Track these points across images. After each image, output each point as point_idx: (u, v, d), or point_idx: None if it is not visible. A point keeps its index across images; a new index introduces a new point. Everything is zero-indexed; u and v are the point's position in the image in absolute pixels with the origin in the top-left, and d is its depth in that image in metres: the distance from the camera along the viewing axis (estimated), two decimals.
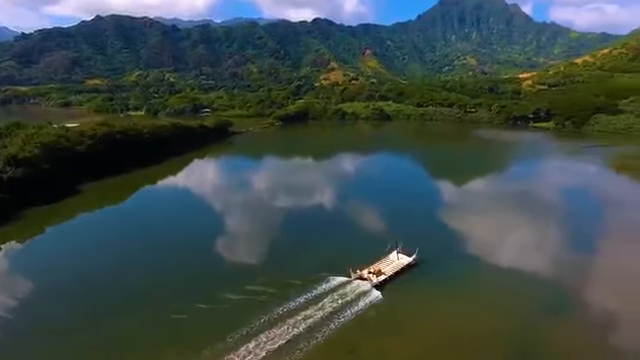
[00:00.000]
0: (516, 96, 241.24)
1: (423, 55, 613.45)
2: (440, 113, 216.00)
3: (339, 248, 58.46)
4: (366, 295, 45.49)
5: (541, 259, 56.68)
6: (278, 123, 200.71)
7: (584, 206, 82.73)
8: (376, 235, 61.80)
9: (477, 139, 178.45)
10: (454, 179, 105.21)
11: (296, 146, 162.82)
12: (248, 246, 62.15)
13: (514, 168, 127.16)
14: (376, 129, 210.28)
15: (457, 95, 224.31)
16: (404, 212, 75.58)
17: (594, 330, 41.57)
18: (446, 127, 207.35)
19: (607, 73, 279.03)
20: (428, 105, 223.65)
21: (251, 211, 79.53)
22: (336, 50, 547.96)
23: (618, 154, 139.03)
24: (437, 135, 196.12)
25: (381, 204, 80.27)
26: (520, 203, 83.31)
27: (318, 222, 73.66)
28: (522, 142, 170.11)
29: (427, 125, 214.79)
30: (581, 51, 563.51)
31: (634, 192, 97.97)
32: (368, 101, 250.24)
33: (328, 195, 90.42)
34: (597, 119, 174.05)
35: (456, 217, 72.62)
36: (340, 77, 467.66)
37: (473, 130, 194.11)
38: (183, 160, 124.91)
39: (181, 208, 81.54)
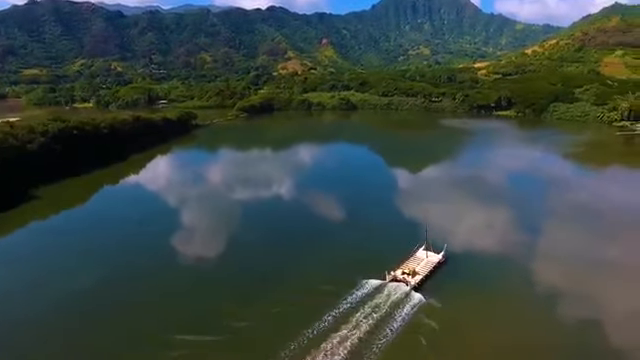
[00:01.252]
0: (474, 85, 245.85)
1: (378, 45, 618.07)
2: (405, 103, 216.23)
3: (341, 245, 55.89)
4: (408, 299, 42.84)
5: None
6: (243, 114, 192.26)
7: (534, 189, 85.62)
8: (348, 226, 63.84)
9: (443, 128, 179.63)
10: (421, 167, 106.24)
11: (265, 139, 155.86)
12: (239, 252, 56.56)
13: (478, 155, 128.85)
14: (343, 119, 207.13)
15: (421, 84, 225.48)
16: (372, 200, 76.47)
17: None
18: (412, 116, 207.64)
19: (556, 63, 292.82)
20: (393, 95, 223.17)
21: (225, 211, 73.64)
22: (292, 39, 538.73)
23: (571, 141, 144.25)
24: (403, 125, 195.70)
25: (354, 194, 80.00)
26: (478, 188, 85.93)
27: (302, 215, 71.18)
28: (485, 130, 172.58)
29: (393, 115, 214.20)
30: (526, 42, 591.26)
31: (584, 177, 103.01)
32: (331, 91, 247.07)
33: (305, 187, 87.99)
34: (555, 107, 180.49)
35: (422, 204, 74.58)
36: (298, 66, 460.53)
37: (438, 119, 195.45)
38: (147, 156, 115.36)
39: (156, 215, 72.59)
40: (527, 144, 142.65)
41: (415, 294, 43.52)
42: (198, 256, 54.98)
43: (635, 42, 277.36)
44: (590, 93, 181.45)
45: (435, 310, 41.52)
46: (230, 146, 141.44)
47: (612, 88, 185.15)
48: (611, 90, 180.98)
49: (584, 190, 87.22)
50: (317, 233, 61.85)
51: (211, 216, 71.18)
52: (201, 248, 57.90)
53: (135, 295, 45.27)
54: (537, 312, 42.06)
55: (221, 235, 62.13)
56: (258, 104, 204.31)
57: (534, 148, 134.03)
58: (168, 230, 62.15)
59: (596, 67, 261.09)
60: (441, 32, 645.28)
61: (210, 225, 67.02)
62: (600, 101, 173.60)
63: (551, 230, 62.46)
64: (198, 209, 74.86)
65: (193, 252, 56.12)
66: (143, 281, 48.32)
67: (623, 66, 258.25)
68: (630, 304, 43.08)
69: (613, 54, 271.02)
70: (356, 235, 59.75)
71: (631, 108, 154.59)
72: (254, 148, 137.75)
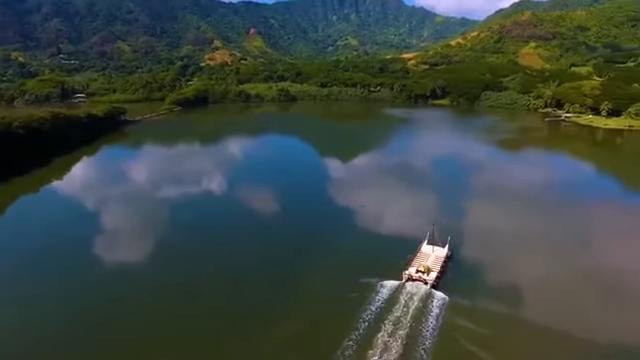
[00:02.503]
0: (406, 75, 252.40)
1: (307, 35, 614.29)
2: (345, 93, 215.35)
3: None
4: (432, 298, 41.70)
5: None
6: (177, 108, 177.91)
7: (461, 173, 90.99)
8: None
9: (383, 117, 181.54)
10: (359, 155, 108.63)
11: (203, 133, 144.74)
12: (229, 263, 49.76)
13: (415, 142, 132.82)
14: (283, 111, 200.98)
15: (360, 75, 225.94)
16: (309, 192, 78.02)
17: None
18: (352, 107, 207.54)
19: (478, 53, 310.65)
20: (332, 85, 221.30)
21: (170, 216, 65.70)
22: (219, 28, 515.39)
23: (504, 128, 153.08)
24: (344, 115, 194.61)
25: (292, 187, 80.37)
26: (412, 174, 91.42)
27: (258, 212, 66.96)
28: (422, 119, 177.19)
29: (334, 105, 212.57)
30: (445, 34, 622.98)
31: (508, 160, 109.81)
32: (267, 82, 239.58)
33: (247, 183, 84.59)
34: (487, 96, 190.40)
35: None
36: (226, 57, 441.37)
37: (378, 109, 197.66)
38: (73, 159, 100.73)
39: (94, 230, 62.41)
40: (460, 132, 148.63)
41: (436, 293, 42.40)
42: (181, 273, 47.60)
43: (545, 35, 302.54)
44: (516, 82, 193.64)
45: (462, 308, 40.43)
46: (166, 143, 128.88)
47: (534, 77, 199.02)
48: (534, 79, 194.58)
49: (504, 172, 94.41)
50: (252, 227, 60.46)
51: (158, 224, 62.74)
52: (162, 262, 50.11)
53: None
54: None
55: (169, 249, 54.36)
56: (192, 96, 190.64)
57: (467, 135, 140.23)
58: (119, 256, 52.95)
59: (514, 58, 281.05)
60: (367, 23, 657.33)
61: (158, 233, 58.79)
62: (525, 89, 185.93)
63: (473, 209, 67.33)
64: (140, 217, 65.68)
65: (154, 269, 48.27)
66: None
67: (537, 57, 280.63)
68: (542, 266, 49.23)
69: (528, 46, 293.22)
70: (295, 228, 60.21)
71: (554, 96, 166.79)
72: (192, 144, 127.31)
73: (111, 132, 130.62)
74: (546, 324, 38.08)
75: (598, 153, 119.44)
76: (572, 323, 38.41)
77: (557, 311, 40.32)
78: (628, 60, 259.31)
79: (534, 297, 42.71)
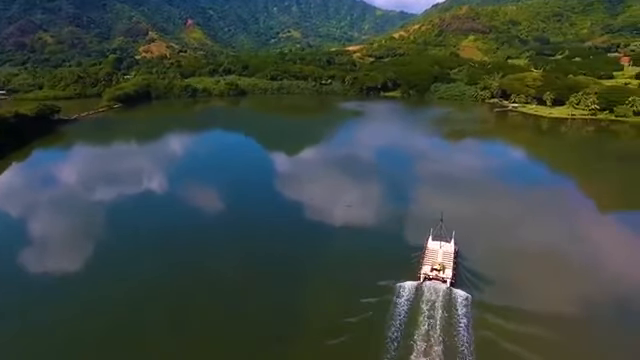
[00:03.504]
0: (354, 68, 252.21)
1: (248, 27, 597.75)
2: (296, 86, 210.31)
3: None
4: (454, 297, 41.17)
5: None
6: (117, 105, 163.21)
7: (405, 163, 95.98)
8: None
9: (335, 110, 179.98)
10: (311, 148, 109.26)
11: (150, 131, 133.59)
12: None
13: (367, 134, 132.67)
14: (233, 106, 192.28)
15: (311, 68, 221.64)
16: (257, 188, 77.70)
17: None
18: (304, 100, 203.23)
19: (421, 46, 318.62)
20: (282, 78, 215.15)
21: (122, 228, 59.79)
22: (153, 19, 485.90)
23: (456, 119, 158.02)
24: (296, 108, 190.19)
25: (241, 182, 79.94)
26: (363, 165, 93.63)
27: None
28: (374, 111, 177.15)
29: (285, 99, 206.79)
30: (386, 27, 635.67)
31: (453, 149, 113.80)
32: (212, 76, 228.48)
33: (199, 180, 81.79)
34: (436, 87, 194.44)
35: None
36: (164, 49, 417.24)
37: (330, 102, 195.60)
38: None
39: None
40: (415, 124, 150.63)
41: (457, 291, 42.08)
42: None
43: (482, 29, 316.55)
44: (463, 74, 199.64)
45: (486, 304, 40.18)
46: (108, 143, 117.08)
47: (479, 69, 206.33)
48: (480, 71, 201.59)
49: (455, 162, 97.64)
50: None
51: (97, 233, 56.81)
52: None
53: None
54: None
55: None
56: (133, 92, 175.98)
57: (422, 127, 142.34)
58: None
59: (455, 50, 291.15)
60: (308, 15, 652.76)
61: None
62: (472, 81, 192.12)
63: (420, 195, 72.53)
64: (77, 228, 59.11)
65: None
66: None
67: (476, 49, 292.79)
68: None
69: (467, 39, 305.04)
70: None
71: (500, 87, 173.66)
72: (135, 143, 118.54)
73: (45, 133, 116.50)
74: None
75: (542, 141, 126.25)
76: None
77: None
78: (557, 53, 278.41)
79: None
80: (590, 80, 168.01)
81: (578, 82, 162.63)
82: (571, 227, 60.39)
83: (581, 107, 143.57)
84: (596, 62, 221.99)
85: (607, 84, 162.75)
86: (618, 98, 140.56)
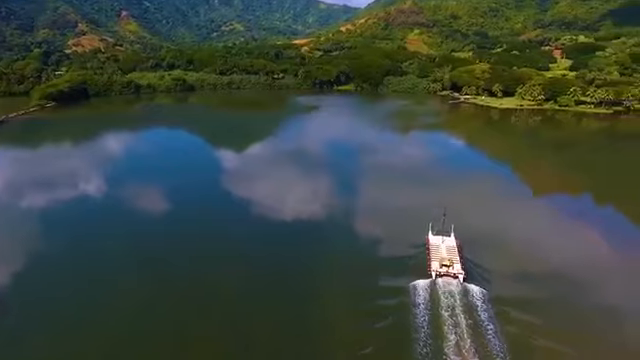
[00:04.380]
0: (303, 61, 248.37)
1: (188, 19, 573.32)
2: (248, 81, 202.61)
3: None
4: (469, 293, 40.04)
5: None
6: (50, 104, 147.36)
7: (362, 156, 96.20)
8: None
9: (287, 105, 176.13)
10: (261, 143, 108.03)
11: (88, 131, 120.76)
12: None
13: (318, 128, 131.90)
14: (180, 102, 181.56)
15: (262, 61, 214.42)
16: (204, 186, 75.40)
17: None
18: (256, 95, 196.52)
19: (369, 40, 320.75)
20: (232, 73, 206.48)
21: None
22: (82, 10, 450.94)
23: (411, 111, 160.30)
24: (247, 104, 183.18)
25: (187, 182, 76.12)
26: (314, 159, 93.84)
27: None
28: (331, 106, 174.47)
29: (236, 94, 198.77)
30: (330, 20, 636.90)
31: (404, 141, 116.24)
32: (155, 70, 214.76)
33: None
34: (389, 80, 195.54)
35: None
36: (96, 43, 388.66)
37: (283, 96, 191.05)
38: None
39: None
40: (373, 118, 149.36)
41: (472, 287, 41.10)
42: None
43: (426, 23, 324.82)
44: (414, 67, 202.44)
45: (504, 299, 39.44)
46: (41, 145, 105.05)
47: (429, 62, 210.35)
48: (430, 64, 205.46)
49: (400, 152, 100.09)
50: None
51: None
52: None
53: None
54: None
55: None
56: (67, 89, 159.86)
57: (382, 122, 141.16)
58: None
59: (402, 44, 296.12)
60: (251, 8, 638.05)
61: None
62: (423, 74, 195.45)
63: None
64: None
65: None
66: None
67: (422, 43, 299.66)
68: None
69: (412, 32, 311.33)
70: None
71: (451, 79, 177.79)
72: (73, 145, 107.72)
73: None
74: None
75: (490, 131, 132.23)
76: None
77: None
78: (496, 46, 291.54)
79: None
80: (533, 72, 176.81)
81: (522, 74, 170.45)
82: (504, 211, 62.30)
83: (528, 98, 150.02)
84: (533, 55, 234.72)
85: (548, 76, 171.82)
86: (560, 89, 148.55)
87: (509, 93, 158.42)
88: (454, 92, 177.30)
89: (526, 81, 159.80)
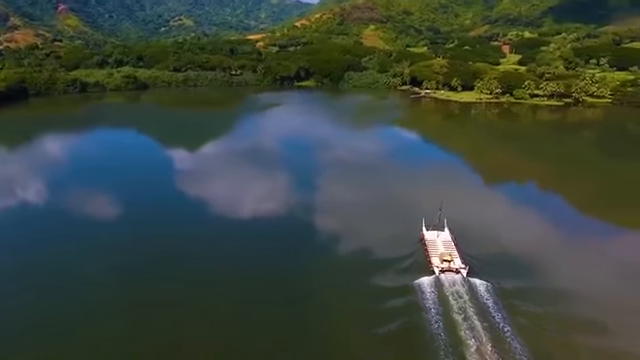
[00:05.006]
0: (260, 57, 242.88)
1: (133, 13, 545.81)
2: (204, 77, 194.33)
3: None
4: (475, 287, 39.52)
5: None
6: None
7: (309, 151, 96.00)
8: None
9: (248, 102, 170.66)
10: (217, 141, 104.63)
11: (33, 134, 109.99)
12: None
13: (278, 125, 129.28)
14: (132, 101, 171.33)
15: (219, 57, 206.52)
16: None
17: None
18: (214, 93, 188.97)
19: (325, 35, 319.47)
20: (187, 69, 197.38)
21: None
22: (15, 3, 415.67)
23: (372, 105, 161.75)
24: (204, 102, 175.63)
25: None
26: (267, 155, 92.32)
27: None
28: (294, 102, 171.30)
29: (192, 92, 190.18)
30: (282, 15, 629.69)
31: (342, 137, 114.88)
32: (102, 67, 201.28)
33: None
34: (350, 76, 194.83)
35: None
36: (31, 38, 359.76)
37: (242, 93, 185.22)
38: None
39: None
40: (339, 114, 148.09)
41: (476, 280, 40.59)
42: None
43: (380, 18, 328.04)
44: (374, 62, 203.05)
45: (510, 291, 39.42)
46: None
47: (388, 57, 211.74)
48: (389, 59, 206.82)
49: (358, 148, 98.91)
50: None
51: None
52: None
53: None
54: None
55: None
56: (4, 88, 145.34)
57: (344, 117, 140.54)
58: None
59: (359, 39, 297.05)
60: (201, 3, 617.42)
61: None
62: (383, 69, 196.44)
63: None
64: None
65: None
66: None
67: (377, 38, 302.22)
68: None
69: (368, 28, 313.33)
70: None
71: (411, 74, 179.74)
72: (9, 150, 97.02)
73: None
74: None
75: (449, 124, 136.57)
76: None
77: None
78: (448, 42, 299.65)
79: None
80: (487, 67, 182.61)
81: (478, 69, 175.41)
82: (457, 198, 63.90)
83: (486, 91, 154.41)
84: (484, 50, 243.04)
85: (501, 70, 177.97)
86: (515, 82, 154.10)
87: (468, 87, 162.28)
88: (414, 87, 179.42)
89: (482, 75, 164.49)
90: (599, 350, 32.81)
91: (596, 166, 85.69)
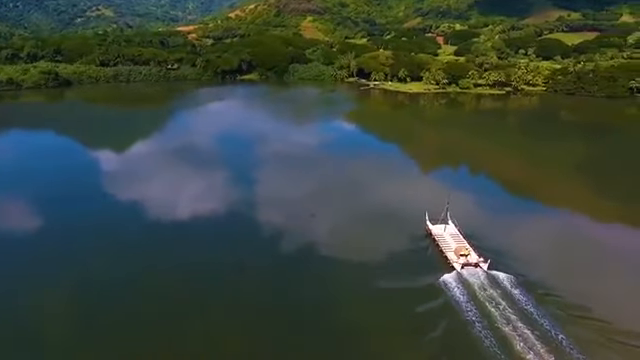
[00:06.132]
0: (194, 49, 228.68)
1: (42, 2, 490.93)
2: (138, 72, 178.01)
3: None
4: (501, 282, 38.66)
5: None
6: None
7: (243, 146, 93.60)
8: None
9: (187, 98, 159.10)
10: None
11: None
12: None
13: (219, 122, 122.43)
14: (53, 100, 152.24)
15: (153, 50, 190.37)
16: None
17: None
18: (150, 88, 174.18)
19: (262, 27, 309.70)
20: (117, 63, 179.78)
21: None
22: None
23: (324, 100, 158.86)
24: (138, 100, 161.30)
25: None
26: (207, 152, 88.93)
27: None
28: (239, 97, 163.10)
29: (124, 88, 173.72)
30: (211, 7, 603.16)
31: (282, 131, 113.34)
32: (13, 63, 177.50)
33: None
34: (295, 68, 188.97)
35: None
36: None
37: (181, 89, 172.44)
38: None
39: None
40: (292, 108, 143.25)
41: (498, 274, 39.89)
42: None
43: (317, 10, 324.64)
44: (318, 54, 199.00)
45: (534, 283, 39.11)
46: None
47: (332, 49, 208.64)
48: (333, 51, 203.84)
49: (303, 143, 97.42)
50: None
51: None
52: None
53: None
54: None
55: None
56: None
57: (283, 112, 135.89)
58: None
59: (297, 31, 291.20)
60: None
61: None
62: (328, 61, 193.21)
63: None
64: None
65: None
66: None
67: (316, 30, 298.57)
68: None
69: (306, 19, 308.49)
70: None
71: (358, 66, 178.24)
72: None
73: None
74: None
75: (393, 114, 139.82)
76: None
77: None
78: (384, 34, 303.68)
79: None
80: (430, 58, 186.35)
81: (421, 60, 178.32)
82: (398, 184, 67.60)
83: (433, 82, 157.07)
84: (422, 41, 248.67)
85: (444, 61, 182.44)
86: (459, 73, 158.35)
87: (415, 78, 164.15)
88: (361, 79, 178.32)
89: (425, 66, 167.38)
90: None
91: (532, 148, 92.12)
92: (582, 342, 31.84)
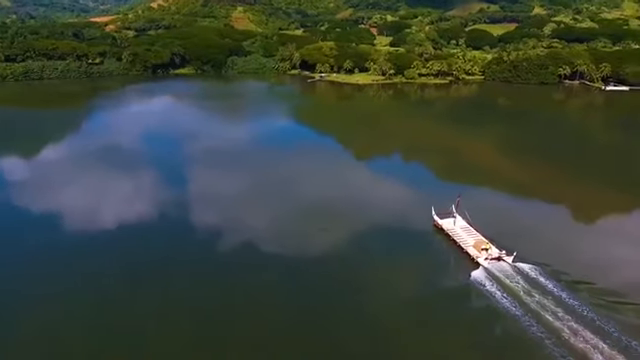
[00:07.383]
0: (115, 42, 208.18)
1: None
2: (53, 68, 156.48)
3: None
4: (528, 273, 39.16)
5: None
6: None
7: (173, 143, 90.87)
8: None
9: (112, 96, 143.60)
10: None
11: None
12: None
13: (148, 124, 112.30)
14: None
15: (71, 43, 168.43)
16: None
17: None
18: (68, 86, 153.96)
19: (190, 17, 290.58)
20: (27, 59, 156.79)
21: None
22: None
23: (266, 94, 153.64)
24: (55, 99, 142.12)
25: None
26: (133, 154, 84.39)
27: None
28: (172, 94, 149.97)
29: (39, 86, 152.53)
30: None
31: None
32: None
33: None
34: (234, 61, 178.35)
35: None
36: None
37: (107, 86, 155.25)
38: None
39: None
40: (220, 105, 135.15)
41: (523, 265, 40.59)
42: None
43: (248, 0, 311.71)
44: (257, 46, 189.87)
45: (558, 272, 40.17)
46: None
47: (271, 41, 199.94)
48: (272, 42, 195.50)
49: (245, 141, 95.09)
50: None
51: None
52: None
53: None
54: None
55: None
56: None
57: (226, 109, 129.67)
58: None
59: (228, 22, 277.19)
60: None
61: None
62: (268, 53, 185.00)
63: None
64: None
65: None
66: None
67: (248, 21, 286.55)
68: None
69: (236, 10, 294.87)
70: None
71: (301, 57, 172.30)
72: None
73: None
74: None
75: (338, 106, 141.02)
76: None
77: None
78: (317, 25, 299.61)
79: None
80: (371, 48, 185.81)
81: (364, 50, 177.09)
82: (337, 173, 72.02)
83: (379, 73, 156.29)
84: (358, 32, 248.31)
85: (387, 51, 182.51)
86: (404, 63, 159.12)
87: (361, 69, 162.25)
88: (304, 71, 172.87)
89: (368, 57, 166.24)
90: None
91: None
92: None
